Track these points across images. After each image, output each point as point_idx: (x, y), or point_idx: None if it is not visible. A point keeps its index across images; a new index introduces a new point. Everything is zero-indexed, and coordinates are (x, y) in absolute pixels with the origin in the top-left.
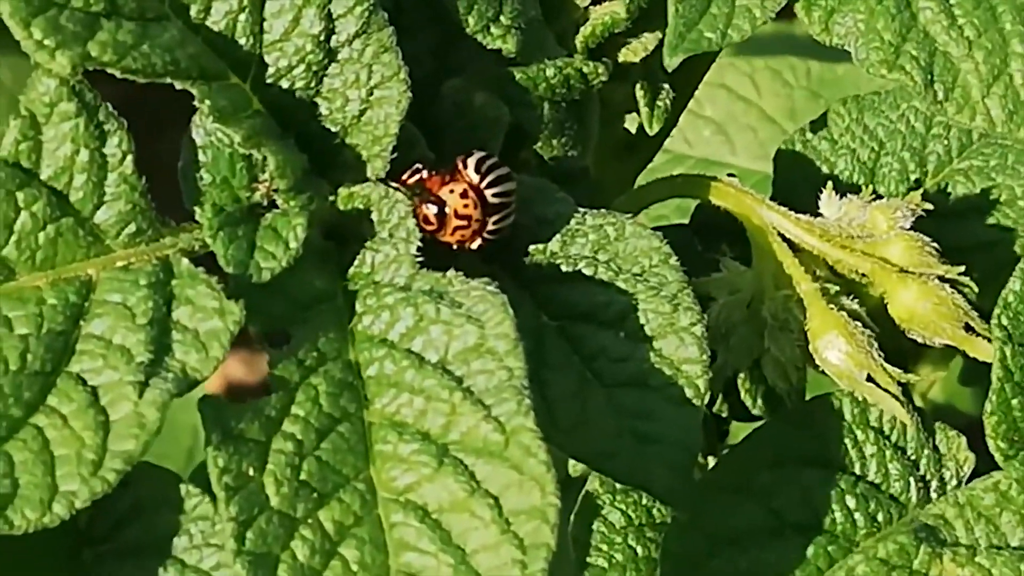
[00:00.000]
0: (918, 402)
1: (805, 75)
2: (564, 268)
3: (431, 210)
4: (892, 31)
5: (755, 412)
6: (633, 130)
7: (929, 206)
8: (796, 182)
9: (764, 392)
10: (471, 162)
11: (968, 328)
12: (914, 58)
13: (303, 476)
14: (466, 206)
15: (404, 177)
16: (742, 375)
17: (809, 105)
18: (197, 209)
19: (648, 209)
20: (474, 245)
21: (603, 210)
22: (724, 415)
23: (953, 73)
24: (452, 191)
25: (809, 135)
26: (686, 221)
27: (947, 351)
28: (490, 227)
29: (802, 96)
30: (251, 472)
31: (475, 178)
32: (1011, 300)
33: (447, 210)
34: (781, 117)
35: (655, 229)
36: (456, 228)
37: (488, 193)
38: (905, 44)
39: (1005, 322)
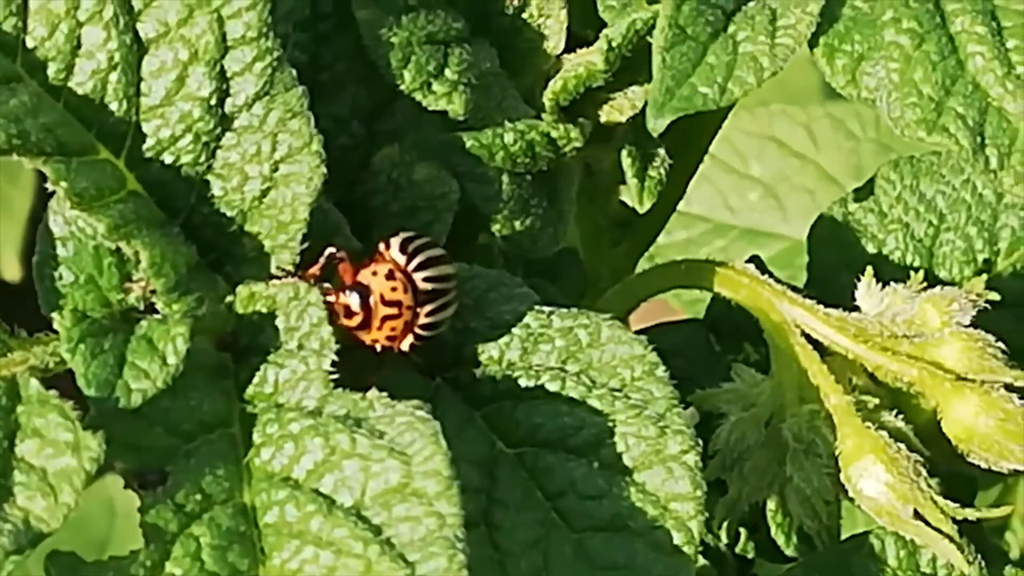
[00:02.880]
0: (1018, 528)
1: (874, 125)
2: (524, 382)
3: (353, 299)
4: (933, 83)
5: (789, 552)
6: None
7: (994, 296)
8: (836, 264)
9: (801, 527)
10: (394, 242)
11: None
12: (960, 116)
13: None
14: (394, 289)
15: (311, 268)
16: (771, 505)
17: (878, 160)
18: (55, 315)
19: (682, 294)
20: (405, 345)
21: (573, 309)
22: (750, 556)
23: (1010, 134)
24: (375, 273)
25: (852, 206)
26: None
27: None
28: (423, 320)
29: (870, 151)
30: None
31: (400, 259)
32: None
33: (372, 297)
34: (844, 176)
35: (663, 326)
36: (385, 319)
37: (418, 277)
38: (949, 99)
39: None
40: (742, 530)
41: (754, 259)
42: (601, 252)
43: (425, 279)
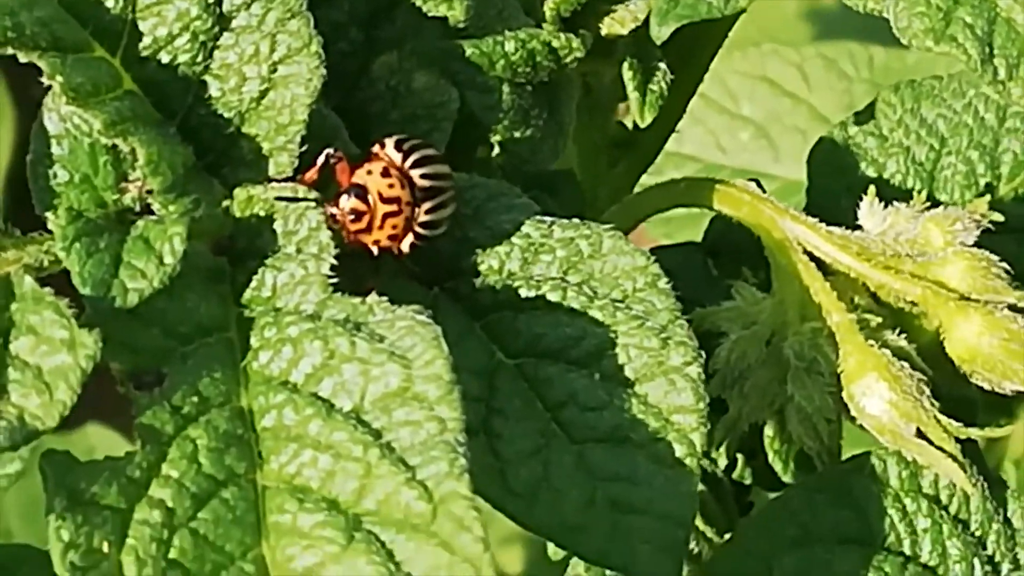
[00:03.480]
0: (1009, 470)
1: (867, 64)
2: (525, 292)
3: (352, 201)
4: None
5: (786, 479)
6: (629, 125)
7: (998, 217)
8: (836, 189)
9: (800, 454)
10: (389, 142)
11: None
12: (968, 26)
13: (173, 554)
14: (391, 186)
15: (307, 172)
16: (769, 431)
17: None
18: (49, 215)
19: (672, 232)
20: (405, 245)
21: (575, 220)
22: (747, 482)
23: (1018, 45)
24: (371, 172)
25: (852, 129)
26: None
27: None
28: (422, 217)
29: (863, 90)
30: (105, 548)
31: (396, 157)
32: None
33: (370, 196)
34: (837, 116)
35: (659, 249)
36: (385, 216)
37: (415, 174)
38: (957, 9)
39: None
40: (739, 456)
41: (754, 181)
42: (599, 172)
43: (422, 175)
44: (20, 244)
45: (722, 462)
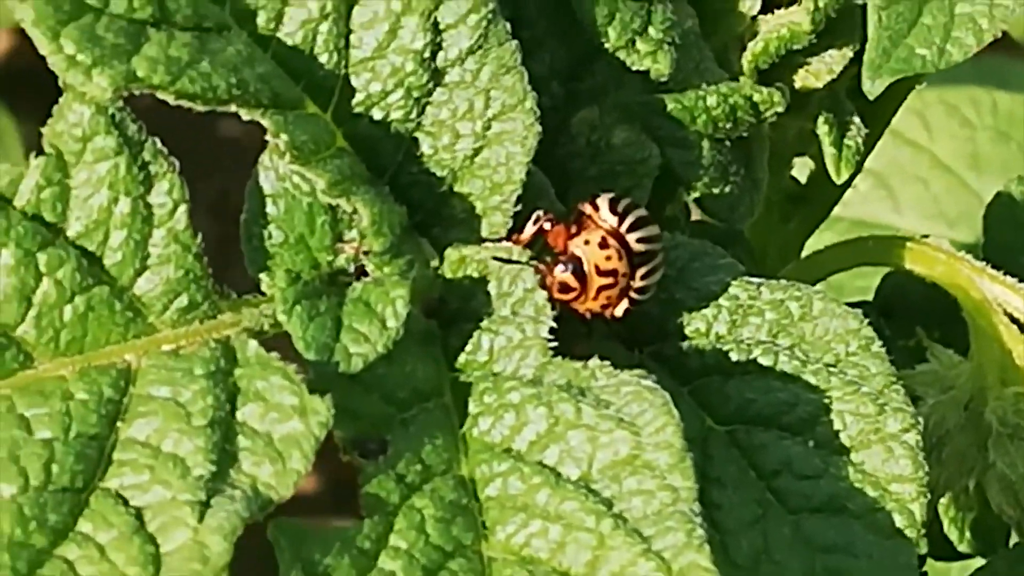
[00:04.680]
0: None
1: (990, 111)
2: (734, 356)
3: (567, 272)
4: None
5: (962, 549)
6: (803, 180)
7: None
8: (1015, 245)
9: (974, 521)
10: (602, 203)
11: None
12: None
13: None
14: (608, 258)
15: (521, 232)
16: (944, 500)
17: (996, 149)
18: (264, 276)
19: None
20: (619, 311)
21: (783, 281)
22: (922, 551)
23: None
24: (587, 242)
25: None
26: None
27: None
28: (638, 284)
29: (987, 138)
30: None
31: (612, 221)
32: None
33: (586, 267)
34: (960, 165)
35: None
36: (601, 289)
37: (631, 239)
38: None
39: None
40: None
41: (926, 237)
42: (771, 228)
43: (639, 240)
44: (235, 307)
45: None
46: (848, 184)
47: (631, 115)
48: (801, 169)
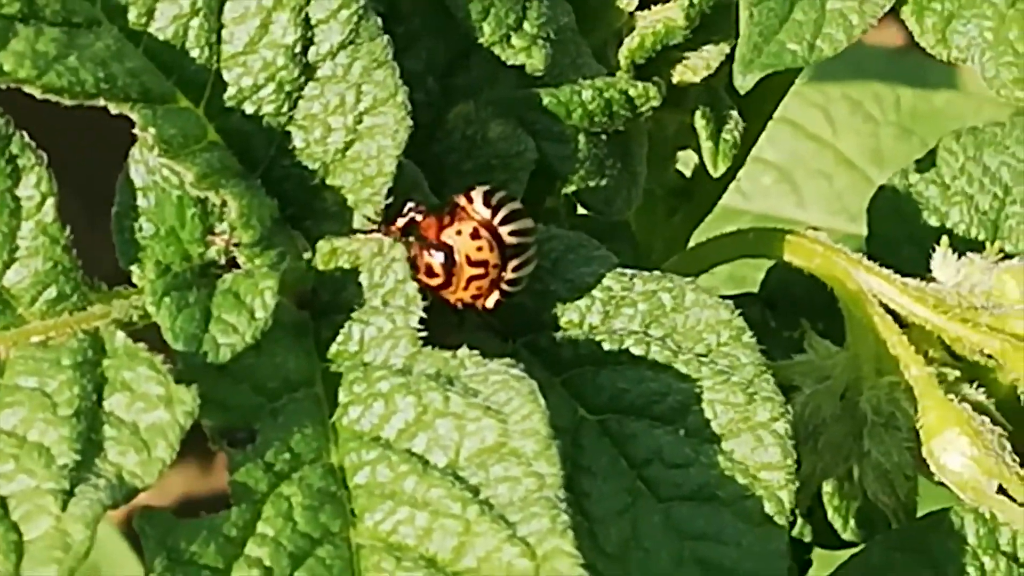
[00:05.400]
0: None
1: (894, 107)
2: (607, 347)
3: (436, 259)
4: None
5: (846, 536)
6: (687, 173)
7: None
8: (898, 238)
9: (859, 510)
10: (477, 195)
11: None
12: None
13: None
14: (480, 248)
15: (392, 224)
16: (828, 488)
17: (899, 145)
18: (135, 269)
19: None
20: (490, 302)
21: (656, 272)
22: (806, 540)
23: None
24: (460, 232)
25: (913, 177)
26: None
27: None
28: (509, 276)
29: (890, 133)
30: None
31: (485, 213)
32: None
33: (457, 257)
34: (863, 160)
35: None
36: (471, 279)
37: (504, 231)
38: None
39: None
40: (797, 513)
41: (814, 230)
42: (655, 222)
43: (511, 232)
44: (106, 298)
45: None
46: (732, 178)
47: (507, 110)
48: (687, 163)
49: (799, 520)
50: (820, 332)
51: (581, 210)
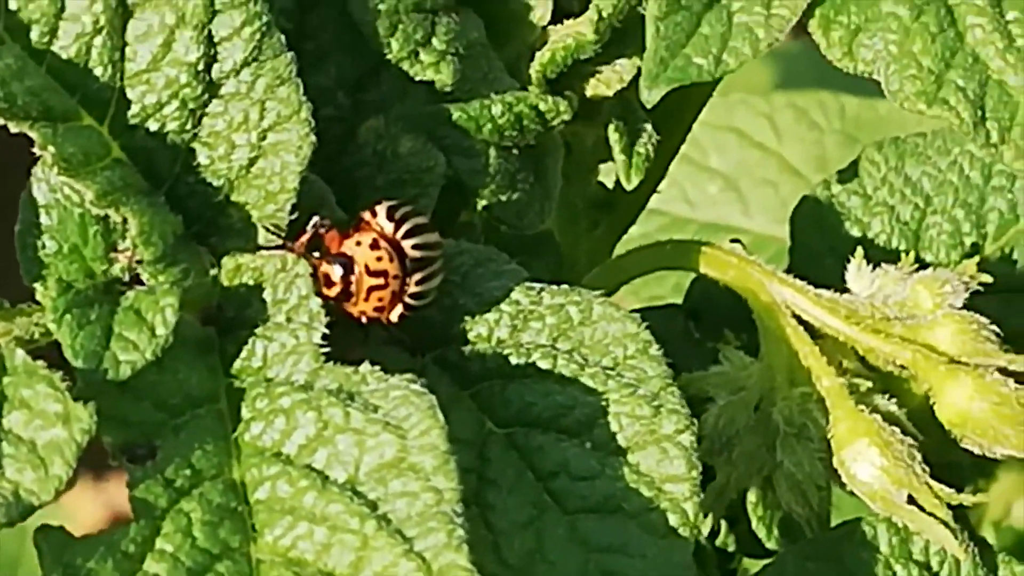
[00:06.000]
0: (988, 533)
1: (838, 115)
2: (514, 360)
3: (335, 269)
4: (932, 55)
5: (770, 546)
6: (610, 185)
7: (988, 278)
8: (819, 249)
9: (783, 520)
10: (381, 210)
11: None
12: (960, 89)
13: None
14: (379, 259)
15: (297, 240)
16: (752, 497)
17: (843, 153)
18: (38, 286)
19: (640, 291)
20: (394, 315)
21: (564, 286)
22: (731, 549)
23: (1011, 108)
24: (359, 243)
25: (836, 188)
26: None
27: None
28: (412, 289)
29: (835, 141)
30: None
31: (388, 227)
32: None
33: (356, 268)
34: (808, 168)
35: (638, 311)
36: (371, 290)
37: (406, 245)
38: (949, 72)
39: None
40: (722, 523)
41: (735, 242)
42: (578, 235)
43: (414, 246)
44: (8, 316)
45: (705, 529)
46: (654, 189)
47: (417, 125)
48: (610, 174)
49: (723, 530)
50: (743, 343)
51: None
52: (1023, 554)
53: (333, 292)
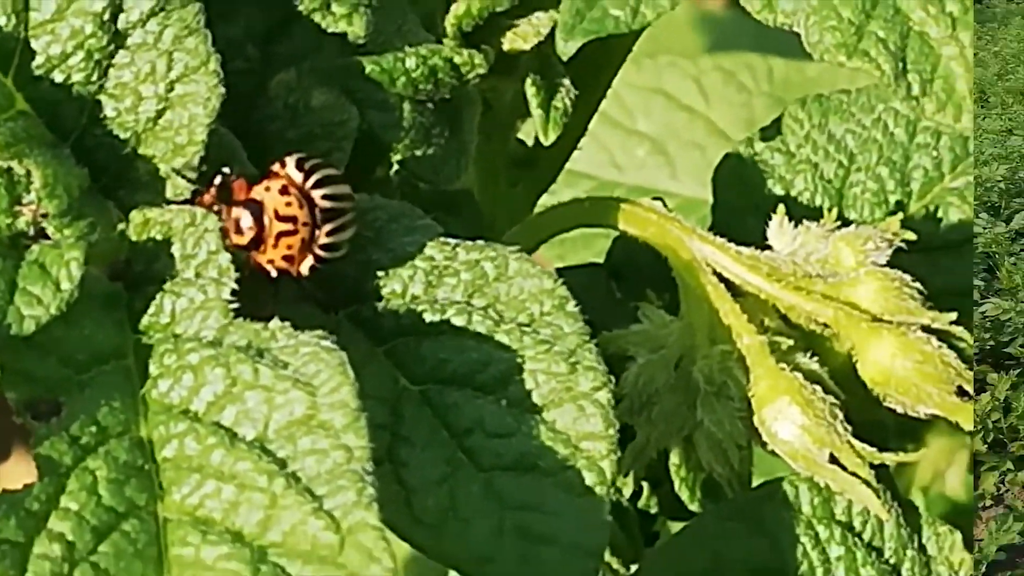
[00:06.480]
0: (917, 500)
1: (766, 77)
2: (429, 317)
3: (244, 217)
4: (853, 6)
5: (693, 508)
6: (530, 142)
7: (911, 236)
8: (742, 207)
9: (705, 481)
10: (290, 161)
11: (961, 392)
12: (881, 40)
13: None
14: (289, 204)
15: (206, 193)
16: (675, 458)
17: (772, 115)
18: None
19: (565, 253)
20: (304, 267)
21: (479, 241)
22: (653, 511)
23: (932, 60)
24: (268, 188)
25: (759, 146)
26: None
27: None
28: (323, 240)
29: (763, 104)
30: None
31: (297, 176)
32: None
33: (265, 214)
34: (736, 131)
35: (560, 271)
36: (280, 236)
37: (316, 195)
38: (870, 23)
39: None
40: (644, 484)
41: (658, 199)
42: (498, 193)
43: (324, 196)
44: None
45: (628, 490)
46: (574, 147)
47: (330, 78)
48: (530, 133)
49: (646, 492)
50: (665, 303)
51: None
52: (952, 521)
53: (243, 240)
